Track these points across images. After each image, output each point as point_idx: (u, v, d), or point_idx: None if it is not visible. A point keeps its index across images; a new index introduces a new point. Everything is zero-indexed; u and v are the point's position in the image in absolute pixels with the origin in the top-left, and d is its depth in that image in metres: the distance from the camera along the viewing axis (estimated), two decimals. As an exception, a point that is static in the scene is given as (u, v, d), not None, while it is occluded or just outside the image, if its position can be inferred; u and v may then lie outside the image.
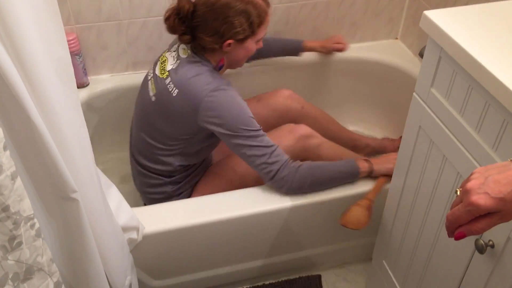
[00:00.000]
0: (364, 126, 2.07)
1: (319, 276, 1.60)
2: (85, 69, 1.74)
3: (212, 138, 1.38)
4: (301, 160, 1.36)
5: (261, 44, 1.42)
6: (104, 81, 1.78)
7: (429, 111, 1.01)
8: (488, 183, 0.57)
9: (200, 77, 1.29)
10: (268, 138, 1.31)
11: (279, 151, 1.31)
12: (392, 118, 1.98)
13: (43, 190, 0.92)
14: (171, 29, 1.34)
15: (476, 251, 0.90)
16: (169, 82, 1.32)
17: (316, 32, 1.89)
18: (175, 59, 1.35)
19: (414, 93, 1.06)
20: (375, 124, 2.06)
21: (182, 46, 1.38)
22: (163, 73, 1.34)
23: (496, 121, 0.83)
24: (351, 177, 1.38)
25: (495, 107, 0.82)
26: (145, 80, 1.44)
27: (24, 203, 0.82)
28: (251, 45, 1.37)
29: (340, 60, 1.92)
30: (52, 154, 0.86)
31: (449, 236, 0.62)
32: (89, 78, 1.78)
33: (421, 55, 1.75)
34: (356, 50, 1.95)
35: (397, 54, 1.93)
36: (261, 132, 1.30)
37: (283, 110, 1.67)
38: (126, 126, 1.86)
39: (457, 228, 0.60)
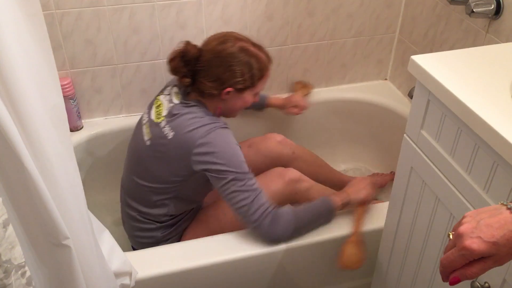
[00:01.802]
0: (356, 165, 2.08)
1: (315, 320, 1.57)
2: (79, 113, 1.75)
3: (207, 182, 1.38)
4: (292, 204, 1.35)
5: (257, 98, 1.46)
6: (98, 124, 1.79)
7: (420, 152, 1.03)
8: (480, 227, 0.57)
9: (196, 119, 1.31)
10: (255, 182, 1.30)
11: (262, 197, 1.29)
12: (383, 156, 2.00)
13: (35, 237, 0.92)
14: (174, 70, 1.38)
15: (473, 293, 0.89)
16: (164, 125, 1.33)
17: (307, 73, 1.93)
18: (169, 103, 1.37)
19: (405, 135, 1.08)
20: (366, 163, 2.07)
21: (175, 90, 1.41)
22: (159, 118, 1.36)
23: (486, 163, 0.84)
24: (329, 214, 1.36)
25: (485, 149, 0.84)
26: (139, 124, 1.45)
27: (15, 250, 0.81)
28: (249, 97, 1.41)
29: (331, 100, 1.95)
30: (45, 200, 0.85)
31: (443, 281, 0.62)
32: (83, 121, 1.78)
33: (410, 95, 1.79)
34: (347, 91, 1.99)
35: (386, 94, 1.97)
36: (249, 175, 1.29)
37: (274, 156, 1.68)
38: (119, 169, 1.85)
39: (451, 272, 0.60)
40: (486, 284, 0.87)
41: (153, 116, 1.39)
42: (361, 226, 1.36)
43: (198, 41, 1.72)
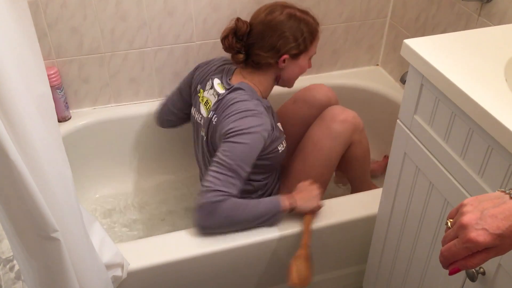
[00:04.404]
0: (349, 152, 2.07)
1: (310, 307, 1.57)
2: (66, 103, 1.72)
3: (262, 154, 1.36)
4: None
5: (310, 64, 1.49)
6: (86, 114, 1.76)
7: (414, 138, 1.02)
8: (485, 218, 0.55)
9: (238, 103, 1.33)
10: (238, 184, 1.27)
11: (230, 190, 1.26)
12: (376, 143, 1.99)
13: (23, 230, 0.90)
14: (228, 48, 1.41)
15: (468, 279, 0.89)
16: (213, 115, 1.38)
17: (298, 60, 1.91)
18: (216, 96, 1.40)
19: (398, 120, 1.07)
20: (359, 149, 2.06)
21: (216, 81, 1.42)
22: (209, 113, 1.40)
23: (480, 147, 0.83)
24: (275, 216, 1.32)
25: (479, 134, 0.83)
26: (195, 122, 1.49)
27: (2, 244, 0.79)
28: (304, 62, 1.45)
29: (323, 87, 1.93)
30: (31, 193, 0.83)
31: (443, 268, 0.61)
32: (70, 111, 1.76)
33: (402, 81, 1.78)
34: (338, 77, 1.97)
35: (378, 80, 1.96)
36: (241, 176, 1.27)
37: (323, 103, 1.61)
38: (108, 160, 1.83)
39: (451, 263, 0.58)
40: (481, 270, 0.86)
41: (204, 113, 1.43)
42: (310, 237, 1.31)
43: (187, 28, 1.70)
